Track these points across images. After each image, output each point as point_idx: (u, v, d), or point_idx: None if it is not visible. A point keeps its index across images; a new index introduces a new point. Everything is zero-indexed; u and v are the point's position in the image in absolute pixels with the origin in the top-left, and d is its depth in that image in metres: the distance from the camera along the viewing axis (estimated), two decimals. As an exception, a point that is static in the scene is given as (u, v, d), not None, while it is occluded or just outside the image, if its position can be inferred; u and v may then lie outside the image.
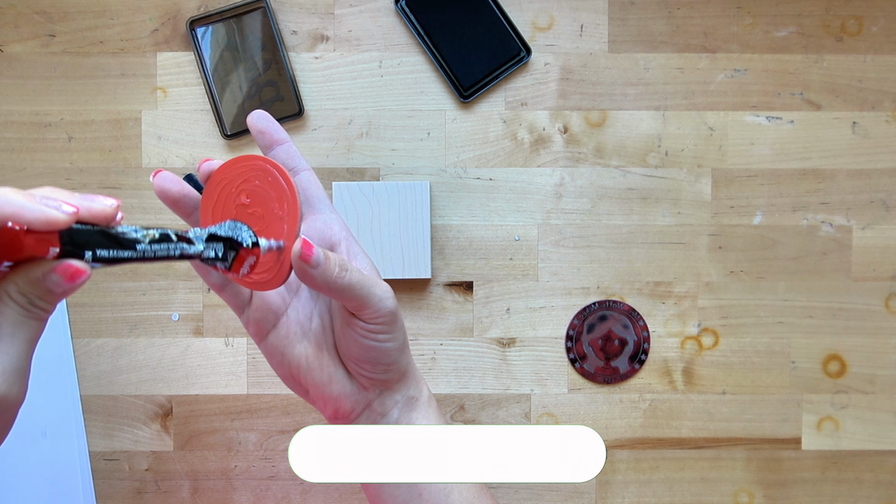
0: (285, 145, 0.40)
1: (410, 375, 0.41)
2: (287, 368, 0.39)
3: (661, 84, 0.63)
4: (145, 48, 0.63)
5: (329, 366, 0.38)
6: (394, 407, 0.40)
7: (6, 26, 0.63)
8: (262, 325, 0.39)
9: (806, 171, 0.64)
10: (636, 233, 0.63)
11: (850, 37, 0.63)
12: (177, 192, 0.37)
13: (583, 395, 0.64)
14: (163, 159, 0.63)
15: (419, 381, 0.41)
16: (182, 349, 0.63)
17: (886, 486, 0.64)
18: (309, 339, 0.39)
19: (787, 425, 0.64)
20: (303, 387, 0.39)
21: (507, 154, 0.63)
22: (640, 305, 0.63)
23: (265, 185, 0.35)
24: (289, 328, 0.38)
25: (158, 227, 0.32)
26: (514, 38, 0.62)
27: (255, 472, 0.63)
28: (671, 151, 0.63)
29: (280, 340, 0.38)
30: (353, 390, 0.39)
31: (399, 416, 0.40)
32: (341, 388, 0.38)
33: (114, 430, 0.63)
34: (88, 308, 0.63)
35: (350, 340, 0.37)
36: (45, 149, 0.63)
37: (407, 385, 0.40)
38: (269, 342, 0.39)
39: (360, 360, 0.38)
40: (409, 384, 0.40)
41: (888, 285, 0.64)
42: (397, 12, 0.63)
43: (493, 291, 0.63)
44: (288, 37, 0.63)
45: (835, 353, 0.64)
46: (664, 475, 0.64)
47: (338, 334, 0.38)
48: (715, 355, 0.64)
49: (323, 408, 0.39)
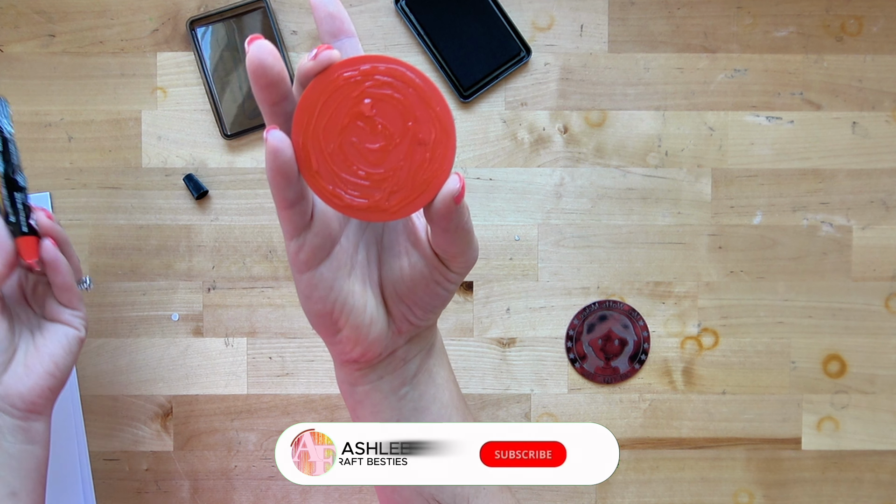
0: (353, 40, 0.33)
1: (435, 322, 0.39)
2: (330, 305, 0.34)
3: (661, 84, 0.63)
4: (145, 48, 0.63)
5: (372, 306, 0.35)
6: (416, 354, 0.38)
7: (6, 26, 0.63)
8: (318, 252, 0.33)
9: (806, 171, 0.64)
10: (636, 233, 0.63)
11: (850, 37, 0.63)
12: (277, 73, 0.30)
13: (583, 395, 0.64)
14: (163, 159, 0.63)
15: (435, 327, 0.40)
16: (182, 349, 0.63)
17: (886, 486, 0.64)
18: (355, 272, 0.35)
19: (787, 425, 0.64)
20: (337, 326, 0.35)
21: (507, 154, 0.63)
22: (640, 305, 0.64)
23: (407, 98, 0.30)
24: (341, 258, 0.34)
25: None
26: (514, 38, 0.62)
27: (255, 472, 0.63)
28: (671, 151, 0.63)
29: (332, 271, 0.34)
30: (388, 335, 0.36)
31: (420, 363, 0.38)
32: (378, 331, 0.35)
33: (114, 430, 0.63)
34: (88, 308, 0.63)
35: (420, 284, 0.34)
36: (45, 149, 0.63)
37: (432, 332, 0.39)
38: (321, 272, 0.34)
39: (419, 304, 0.35)
40: (434, 331, 0.39)
41: (888, 285, 0.64)
42: (397, 12, 0.63)
43: (493, 291, 0.63)
44: (288, 37, 0.63)
45: (835, 353, 0.64)
46: (664, 475, 0.64)
47: (400, 274, 0.35)
48: (715, 355, 0.64)
49: (350, 349, 0.36)
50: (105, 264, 0.63)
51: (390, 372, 0.37)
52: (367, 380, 0.37)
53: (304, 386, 0.63)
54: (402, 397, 0.38)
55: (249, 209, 0.63)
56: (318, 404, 0.63)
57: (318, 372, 0.63)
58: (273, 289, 0.63)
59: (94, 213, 0.63)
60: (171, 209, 0.63)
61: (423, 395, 0.38)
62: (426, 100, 0.30)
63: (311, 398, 0.63)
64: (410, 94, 0.30)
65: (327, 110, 0.30)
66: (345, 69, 0.30)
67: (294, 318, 0.63)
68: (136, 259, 0.63)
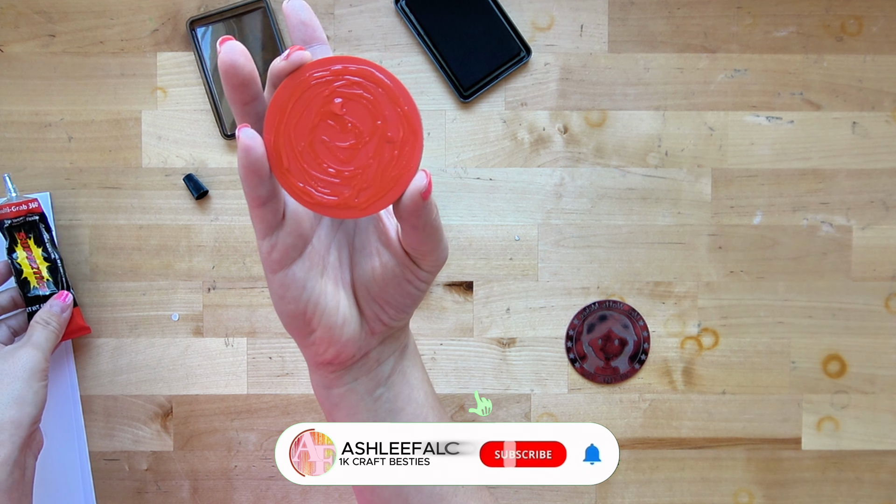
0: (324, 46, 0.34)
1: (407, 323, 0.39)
2: (303, 305, 0.34)
3: (661, 84, 0.63)
4: (145, 48, 0.63)
5: (345, 307, 0.35)
6: (389, 356, 0.38)
7: (6, 26, 0.63)
8: (291, 252, 0.34)
9: (806, 171, 0.64)
10: (636, 233, 0.63)
11: (850, 37, 0.63)
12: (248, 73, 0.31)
13: (583, 395, 0.64)
14: (163, 159, 0.63)
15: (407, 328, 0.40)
16: (182, 349, 0.63)
17: (886, 486, 0.64)
18: (327, 273, 0.35)
19: (787, 425, 0.64)
20: (310, 327, 0.35)
21: (507, 154, 0.63)
22: (640, 305, 0.63)
23: (376, 98, 0.31)
24: (313, 258, 0.34)
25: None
26: (514, 38, 0.62)
27: (255, 472, 0.63)
28: (671, 151, 0.63)
29: (304, 271, 0.34)
30: (362, 335, 0.36)
31: (394, 364, 0.38)
32: (351, 332, 0.36)
33: (114, 430, 0.63)
34: (88, 308, 0.63)
35: (392, 284, 0.35)
36: (45, 149, 0.63)
37: (405, 333, 0.39)
38: (293, 272, 0.34)
39: (391, 304, 0.36)
40: (407, 332, 0.39)
41: (888, 285, 0.64)
42: (397, 12, 0.63)
43: (493, 291, 0.63)
44: (288, 37, 0.63)
45: (835, 353, 0.64)
46: (664, 475, 0.64)
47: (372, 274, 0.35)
48: (715, 355, 0.64)
49: (323, 351, 0.36)
50: (105, 264, 0.63)
51: (365, 373, 0.38)
52: (342, 382, 0.38)
53: (304, 386, 0.63)
54: (377, 398, 0.38)
55: (249, 209, 0.63)
56: (318, 404, 0.63)
57: (318, 372, 0.63)
58: (273, 289, 0.63)
59: (94, 213, 0.63)
60: (171, 209, 0.63)
61: (399, 395, 0.39)
62: (394, 99, 0.31)
63: (311, 398, 0.63)
64: (380, 94, 0.31)
65: (298, 109, 0.31)
66: (316, 69, 0.30)
67: (294, 318, 0.63)
68: (136, 259, 0.63)
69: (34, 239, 0.59)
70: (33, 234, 0.59)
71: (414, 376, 0.40)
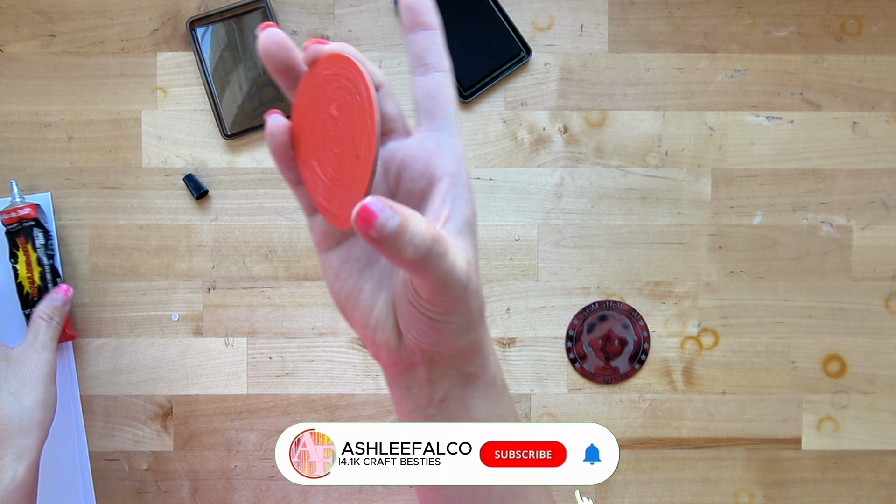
0: (431, 32, 0.32)
1: (473, 352, 0.34)
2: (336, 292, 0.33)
3: (661, 84, 0.63)
4: (145, 48, 0.63)
5: (381, 311, 0.33)
6: (444, 378, 0.34)
7: (6, 26, 0.63)
8: (326, 238, 0.33)
9: (806, 171, 0.64)
10: (636, 233, 0.63)
11: (850, 37, 0.63)
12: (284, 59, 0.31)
13: (583, 395, 0.64)
14: (163, 159, 0.63)
15: (485, 359, 0.35)
16: (182, 349, 0.63)
17: (886, 486, 0.64)
18: (372, 271, 0.33)
19: (787, 425, 0.64)
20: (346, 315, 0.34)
21: (507, 154, 0.63)
22: (640, 305, 0.63)
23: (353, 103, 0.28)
24: (352, 251, 0.33)
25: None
26: (514, 38, 0.62)
27: (255, 472, 0.63)
28: (671, 151, 0.63)
29: (339, 262, 0.33)
30: (399, 345, 0.33)
31: (449, 389, 0.35)
32: (385, 338, 0.33)
33: (114, 430, 0.63)
34: (88, 308, 0.63)
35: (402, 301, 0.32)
36: (45, 149, 0.63)
37: (466, 361, 0.34)
38: (329, 259, 0.33)
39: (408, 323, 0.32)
40: (470, 360, 0.34)
41: (888, 285, 0.64)
42: (397, 12, 0.63)
43: (493, 291, 0.63)
44: (288, 37, 0.63)
45: (835, 353, 0.64)
46: (664, 475, 0.64)
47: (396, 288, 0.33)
48: (715, 355, 0.64)
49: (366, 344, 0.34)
50: (105, 264, 0.63)
51: (416, 386, 0.35)
52: (397, 385, 0.36)
53: (303, 386, 0.63)
54: (428, 417, 0.36)
55: (249, 209, 0.63)
56: (318, 404, 0.63)
57: (317, 372, 0.63)
58: (273, 289, 0.63)
59: (94, 213, 0.63)
60: (171, 209, 0.63)
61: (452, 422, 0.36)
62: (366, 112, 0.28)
63: (310, 398, 0.63)
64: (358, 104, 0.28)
65: (312, 104, 0.30)
66: (326, 67, 0.29)
67: (294, 318, 0.63)
68: (136, 259, 0.63)
69: (31, 244, 0.60)
70: (30, 239, 0.60)
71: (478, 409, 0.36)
